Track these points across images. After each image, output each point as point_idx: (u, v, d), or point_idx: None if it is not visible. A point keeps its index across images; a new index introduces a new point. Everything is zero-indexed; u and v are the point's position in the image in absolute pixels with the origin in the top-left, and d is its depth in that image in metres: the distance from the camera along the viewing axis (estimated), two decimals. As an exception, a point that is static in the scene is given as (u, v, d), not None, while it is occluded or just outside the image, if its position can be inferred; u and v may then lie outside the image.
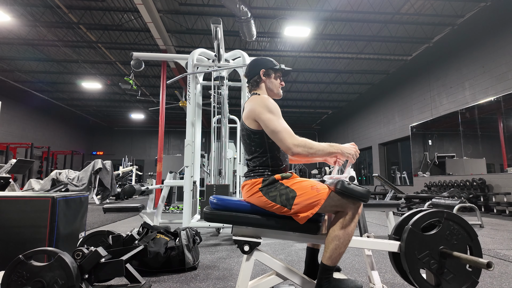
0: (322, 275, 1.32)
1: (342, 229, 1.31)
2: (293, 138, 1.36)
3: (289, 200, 1.33)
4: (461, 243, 1.35)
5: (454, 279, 1.32)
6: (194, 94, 3.51)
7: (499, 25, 6.84)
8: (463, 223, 1.38)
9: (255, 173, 1.44)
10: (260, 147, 1.45)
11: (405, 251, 1.33)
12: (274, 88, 1.60)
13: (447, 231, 1.36)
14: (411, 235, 1.35)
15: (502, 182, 6.32)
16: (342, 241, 1.30)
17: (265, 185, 1.38)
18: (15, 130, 14.14)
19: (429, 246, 1.34)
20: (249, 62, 1.64)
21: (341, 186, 1.29)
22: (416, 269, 1.32)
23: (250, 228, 1.37)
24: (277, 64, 1.61)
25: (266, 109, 1.41)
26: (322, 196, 1.33)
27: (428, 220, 1.38)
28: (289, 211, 1.33)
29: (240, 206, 1.39)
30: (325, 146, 1.39)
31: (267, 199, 1.35)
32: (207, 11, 8.00)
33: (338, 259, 1.32)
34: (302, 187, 1.36)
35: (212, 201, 1.40)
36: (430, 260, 1.33)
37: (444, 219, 1.37)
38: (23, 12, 7.94)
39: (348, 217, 1.32)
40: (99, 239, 1.93)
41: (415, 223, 1.37)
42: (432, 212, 1.39)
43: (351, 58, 10.37)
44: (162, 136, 8.77)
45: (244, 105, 1.55)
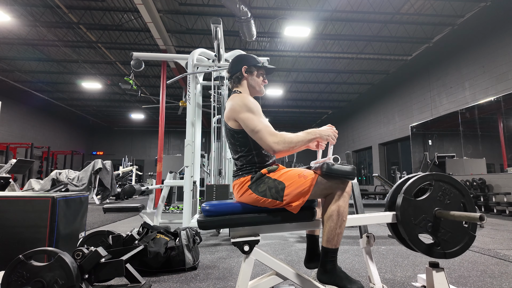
0: (325, 258, 1.33)
1: (334, 211, 1.32)
2: (272, 136, 1.36)
3: (279, 192, 1.33)
4: (454, 202, 1.38)
5: (452, 237, 1.35)
6: (194, 94, 3.51)
7: (499, 25, 6.84)
8: (453, 182, 1.40)
9: (243, 171, 1.44)
10: (245, 146, 1.45)
11: (402, 220, 1.35)
12: (256, 85, 1.59)
13: (439, 192, 1.38)
14: (405, 203, 1.37)
15: (502, 182, 6.32)
16: (336, 221, 1.31)
17: (253, 182, 1.38)
18: (15, 130, 14.14)
19: (423, 210, 1.36)
20: (232, 59, 1.64)
21: (326, 168, 1.31)
22: (415, 234, 1.34)
23: (247, 228, 1.37)
24: (260, 61, 1.61)
25: (245, 108, 1.41)
26: (310, 182, 1.34)
27: (419, 185, 1.40)
28: (281, 203, 1.33)
29: (232, 208, 1.38)
30: (303, 135, 1.40)
31: (258, 195, 1.36)
32: (207, 11, 8.00)
33: (337, 240, 1.32)
34: (290, 176, 1.37)
35: (204, 208, 1.38)
36: (426, 224, 1.35)
37: (434, 181, 1.39)
38: (23, 12, 7.94)
39: (338, 197, 1.33)
40: (99, 239, 1.93)
41: (407, 190, 1.38)
42: (422, 176, 1.41)
43: (351, 58, 10.37)
44: (162, 136, 8.77)
45: (226, 105, 1.55)
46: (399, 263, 2.31)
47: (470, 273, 2.07)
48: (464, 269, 2.15)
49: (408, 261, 2.38)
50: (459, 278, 1.96)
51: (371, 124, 13.11)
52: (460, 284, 1.84)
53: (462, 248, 1.34)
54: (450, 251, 1.34)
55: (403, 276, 1.99)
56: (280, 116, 18.55)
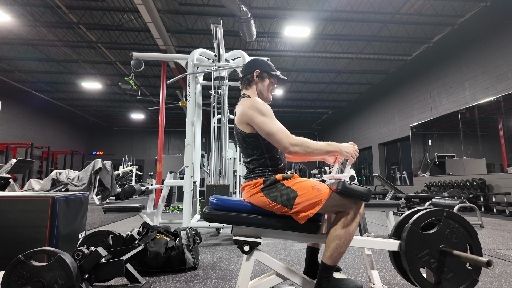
0: (322, 274, 1.32)
1: (343, 229, 1.31)
2: (289, 137, 1.37)
3: (290, 200, 1.33)
4: (461, 242, 1.35)
5: (454, 277, 1.32)
6: (194, 94, 3.51)
7: (499, 25, 6.84)
8: (462, 222, 1.38)
9: (256, 174, 1.44)
10: (257, 149, 1.45)
11: (405, 250, 1.33)
12: (264, 91, 1.59)
13: (447, 230, 1.36)
14: (411, 234, 1.34)
15: (502, 182, 6.32)
16: (343, 240, 1.31)
17: (266, 185, 1.38)
18: (15, 130, 14.14)
19: (429, 245, 1.34)
20: (248, 61, 1.65)
21: (342, 187, 1.29)
22: (416, 268, 1.32)
23: (250, 228, 1.37)
24: (275, 69, 1.61)
25: (258, 112, 1.41)
26: (323, 196, 1.33)
27: (427, 219, 1.38)
28: (290, 210, 1.33)
29: (239, 206, 1.39)
30: (323, 145, 1.40)
31: (268, 199, 1.36)
32: (207, 11, 8.00)
33: (339, 258, 1.32)
34: (303, 187, 1.36)
35: (212, 201, 1.40)
36: (430, 259, 1.33)
37: (444, 217, 1.37)
38: (23, 12, 7.94)
39: (349, 217, 1.32)
40: (99, 239, 1.93)
41: (415, 222, 1.36)
42: (432, 211, 1.39)
43: (351, 58, 10.36)
44: (162, 136, 8.77)
45: (235, 109, 1.55)
46: (399, 263, 2.31)
47: (470, 273, 2.07)
48: (464, 269, 2.15)
49: (408, 261, 2.38)
50: (459, 278, 1.96)
51: (371, 124, 13.11)
52: (460, 284, 1.83)
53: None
54: None
55: (403, 276, 1.99)
56: (280, 116, 18.55)
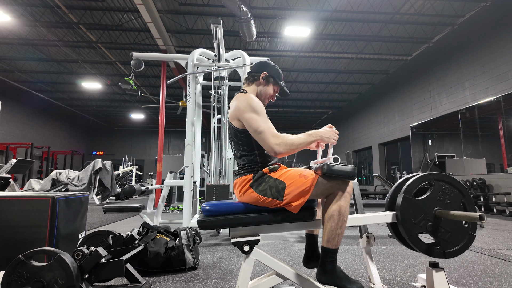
0: (324, 259, 1.34)
1: (335, 211, 1.32)
2: (275, 138, 1.37)
3: (279, 191, 1.34)
4: (454, 201, 1.38)
5: (452, 237, 1.34)
6: (194, 94, 3.51)
7: (499, 25, 6.84)
8: (453, 182, 1.39)
9: (245, 170, 1.45)
10: (247, 145, 1.45)
11: (401, 219, 1.35)
12: (263, 95, 1.60)
13: (439, 192, 1.38)
14: (404, 202, 1.36)
15: (502, 182, 6.32)
16: (337, 221, 1.31)
17: (254, 180, 1.39)
18: (15, 130, 14.14)
19: (423, 209, 1.36)
20: (262, 60, 1.67)
21: (327, 169, 1.31)
22: (414, 234, 1.34)
23: (247, 228, 1.37)
24: (282, 80, 1.63)
25: (249, 108, 1.41)
26: (310, 182, 1.34)
27: (419, 184, 1.40)
28: (281, 202, 1.34)
29: (232, 208, 1.38)
30: (304, 137, 1.41)
31: (258, 194, 1.36)
32: (207, 11, 8.00)
33: (337, 240, 1.33)
34: (290, 176, 1.37)
35: (204, 208, 1.38)
36: (426, 223, 1.35)
37: (435, 180, 1.39)
38: (23, 12, 7.94)
39: (339, 198, 1.33)
40: (99, 239, 1.93)
41: (407, 190, 1.38)
42: (422, 176, 1.41)
43: (351, 58, 10.36)
44: (162, 136, 8.77)
45: (230, 104, 1.55)
46: (399, 263, 2.31)
47: (470, 273, 2.07)
48: (464, 269, 2.15)
49: (408, 261, 2.38)
50: (459, 278, 1.96)
51: (371, 124, 13.11)
52: (460, 284, 1.84)
53: (462, 248, 1.34)
54: (450, 250, 1.34)
55: (403, 276, 1.99)
56: (280, 116, 18.55)
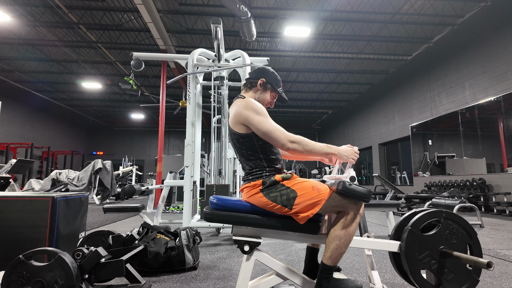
0: (322, 275, 1.32)
1: (343, 229, 1.31)
2: (287, 135, 1.38)
3: (289, 200, 1.33)
4: (461, 242, 1.35)
5: (454, 278, 1.32)
6: (194, 94, 3.51)
7: (499, 25, 6.84)
8: (462, 222, 1.38)
9: (253, 176, 1.44)
10: (251, 150, 1.45)
11: (405, 252, 1.33)
12: (261, 101, 1.59)
13: (447, 231, 1.36)
14: (410, 236, 1.35)
15: (502, 182, 6.32)
16: (343, 241, 1.31)
17: (266, 186, 1.38)
18: (15, 130, 14.14)
19: (429, 246, 1.34)
20: (261, 66, 1.67)
21: (343, 187, 1.30)
22: (417, 269, 1.32)
23: (250, 228, 1.37)
24: (281, 87, 1.64)
25: (253, 111, 1.41)
26: (323, 196, 1.33)
27: (427, 220, 1.38)
28: (290, 211, 1.33)
29: (240, 206, 1.39)
30: (322, 146, 1.41)
31: (268, 200, 1.36)
32: (207, 11, 8.00)
33: (339, 259, 1.32)
34: (303, 187, 1.36)
35: (212, 201, 1.39)
36: (430, 260, 1.33)
37: (443, 218, 1.37)
38: (23, 12, 7.94)
39: (349, 217, 1.33)
40: (99, 239, 1.93)
41: (415, 224, 1.37)
42: (431, 212, 1.39)
43: (351, 58, 10.36)
44: (162, 136, 8.77)
45: (229, 110, 1.54)
46: (399, 263, 2.31)
47: (470, 273, 2.07)
48: (464, 269, 2.15)
49: (408, 261, 2.38)
50: (459, 278, 1.96)
51: (371, 124, 13.11)
52: (460, 284, 1.83)
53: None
54: None
55: (403, 276, 1.99)
56: (280, 116, 18.55)
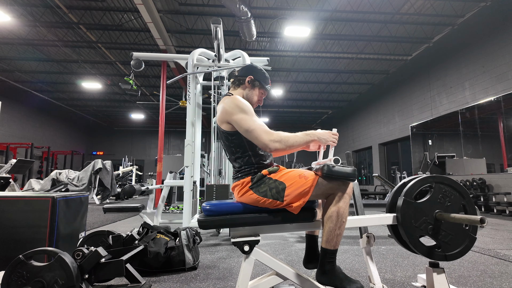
0: (323, 260, 1.34)
1: (334, 212, 1.32)
2: (268, 134, 1.36)
3: (279, 192, 1.34)
4: (455, 204, 1.38)
5: (452, 239, 1.35)
6: (194, 94, 3.51)
7: (499, 25, 6.84)
8: (453, 184, 1.39)
9: (242, 173, 1.44)
10: (240, 147, 1.44)
11: (402, 222, 1.35)
12: (249, 99, 1.58)
13: (440, 195, 1.38)
14: (405, 205, 1.36)
15: (502, 182, 6.32)
16: (336, 222, 1.32)
17: (254, 182, 1.39)
18: (15, 130, 14.14)
19: (424, 212, 1.36)
20: (248, 64, 1.65)
21: (327, 170, 1.31)
22: (415, 237, 1.34)
23: (247, 228, 1.37)
24: (269, 83, 1.62)
25: (237, 109, 1.40)
26: (310, 183, 1.34)
27: (419, 187, 1.40)
28: (282, 203, 1.34)
29: (233, 208, 1.38)
30: (301, 136, 1.41)
31: (258, 196, 1.36)
32: (207, 11, 8.00)
33: (336, 241, 1.33)
34: (290, 177, 1.37)
35: (205, 208, 1.38)
36: (427, 226, 1.35)
37: (435, 183, 1.39)
38: (23, 12, 7.94)
39: (339, 199, 1.34)
40: (99, 239, 1.93)
41: (407, 193, 1.38)
42: (422, 178, 1.41)
43: (351, 58, 10.36)
44: (162, 136, 8.77)
45: (217, 107, 1.55)
46: (399, 263, 2.31)
47: (470, 273, 2.07)
48: (464, 269, 2.15)
49: (408, 261, 2.38)
50: (459, 278, 1.96)
51: (371, 124, 13.11)
52: (460, 284, 1.84)
53: (463, 250, 1.35)
54: (451, 253, 1.34)
55: (403, 276, 1.99)
56: (280, 116, 18.55)
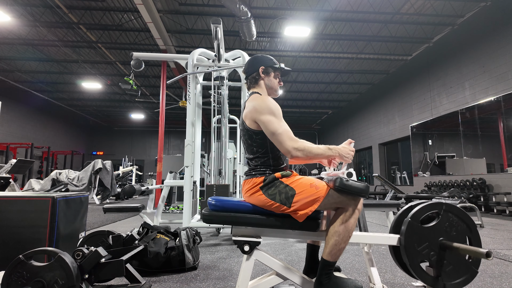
0: (322, 271, 1.33)
1: (342, 225, 1.31)
2: (293, 141, 1.35)
3: (288, 198, 1.34)
4: (460, 235, 1.36)
5: (453, 270, 1.32)
6: (194, 94, 3.51)
7: (499, 25, 6.84)
8: (462, 215, 1.38)
9: (257, 172, 1.44)
10: (262, 148, 1.44)
11: (405, 244, 1.34)
12: (273, 86, 1.58)
13: (446, 223, 1.36)
14: (410, 228, 1.35)
15: (502, 182, 6.32)
16: (342, 236, 1.31)
17: (265, 184, 1.38)
18: (15, 130, 14.13)
19: (428, 238, 1.34)
20: (249, 59, 1.63)
21: (340, 183, 1.29)
22: (416, 261, 1.33)
23: (250, 228, 1.37)
24: (277, 63, 1.61)
25: (267, 110, 1.40)
26: (321, 193, 1.33)
27: (427, 212, 1.38)
28: (288, 209, 1.33)
29: (238, 206, 1.39)
30: (324, 150, 1.39)
31: (267, 198, 1.36)
32: (207, 11, 8.00)
33: (339, 255, 1.32)
34: (301, 184, 1.36)
35: (211, 202, 1.39)
36: (429, 252, 1.33)
37: (443, 211, 1.37)
38: (23, 12, 7.94)
39: (348, 213, 1.33)
40: (99, 239, 1.93)
41: (414, 216, 1.37)
42: (431, 204, 1.39)
43: (351, 58, 10.36)
44: (162, 136, 8.77)
45: (245, 104, 1.53)
46: (399, 263, 2.31)
47: (470, 273, 2.07)
48: (464, 269, 2.15)
49: (408, 261, 2.38)
50: (459, 278, 1.96)
51: (371, 124, 13.11)
52: (460, 284, 1.83)
53: (463, 283, 1.32)
54: (450, 283, 1.32)
55: (403, 276, 1.99)
56: (280, 116, 18.53)
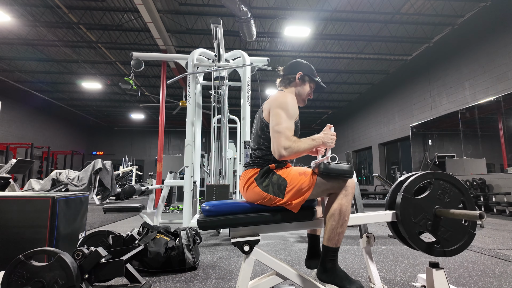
0: (325, 257, 1.34)
1: (336, 210, 1.33)
2: (286, 141, 1.35)
3: (281, 189, 1.35)
4: (454, 200, 1.38)
5: (452, 235, 1.35)
6: (194, 94, 3.51)
7: (499, 25, 6.84)
8: (452, 180, 1.39)
9: (255, 164, 1.47)
10: (268, 142, 1.45)
11: (402, 218, 1.35)
12: (302, 94, 1.60)
13: (439, 191, 1.38)
14: (404, 202, 1.36)
15: (502, 182, 6.32)
16: (338, 220, 1.32)
17: (260, 175, 1.41)
18: (15, 130, 14.13)
19: (423, 208, 1.36)
20: (293, 61, 1.64)
21: (323, 168, 1.31)
22: (415, 233, 1.34)
23: (247, 228, 1.37)
24: (317, 76, 1.62)
25: (284, 105, 1.42)
26: (310, 181, 1.35)
27: (418, 183, 1.39)
28: (282, 199, 1.34)
29: (232, 208, 1.38)
30: (309, 143, 1.40)
31: (261, 190, 1.37)
32: (207, 11, 8.00)
33: (338, 239, 1.33)
34: (291, 175, 1.39)
35: (204, 208, 1.37)
36: (426, 222, 1.35)
37: (434, 179, 1.39)
38: (23, 12, 7.94)
39: (340, 197, 1.34)
40: (99, 239, 1.93)
41: (407, 189, 1.38)
42: (421, 175, 1.41)
43: (351, 58, 10.36)
44: (162, 136, 8.77)
45: (270, 96, 1.55)
46: (399, 263, 2.31)
47: (470, 273, 2.07)
48: (464, 269, 2.15)
49: (408, 261, 2.38)
50: (459, 278, 1.96)
51: (371, 124, 13.11)
52: (460, 284, 1.84)
53: (462, 246, 1.35)
54: (450, 249, 1.34)
55: (403, 276, 1.99)
56: (280, 116, 18.54)
